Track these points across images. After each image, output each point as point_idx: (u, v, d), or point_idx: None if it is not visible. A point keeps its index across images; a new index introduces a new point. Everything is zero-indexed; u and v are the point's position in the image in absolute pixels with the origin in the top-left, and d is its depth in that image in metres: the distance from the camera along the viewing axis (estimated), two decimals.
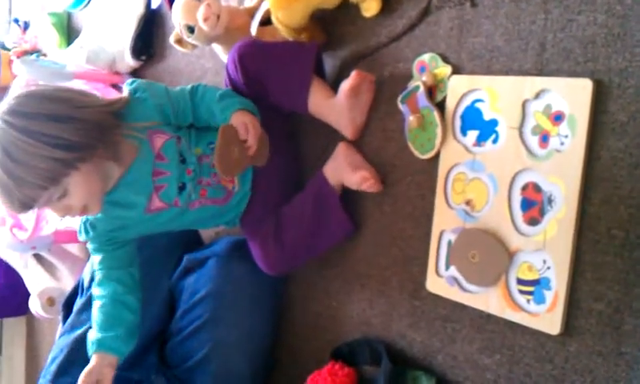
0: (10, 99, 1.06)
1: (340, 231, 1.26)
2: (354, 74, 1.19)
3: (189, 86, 1.27)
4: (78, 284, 1.52)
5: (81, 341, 1.35)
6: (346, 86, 1.20)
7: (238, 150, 1.18)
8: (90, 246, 1.28)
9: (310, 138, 1.39)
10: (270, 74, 1.25)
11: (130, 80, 1.25)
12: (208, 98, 1.25)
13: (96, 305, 1.26)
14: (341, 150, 1.26)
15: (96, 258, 1.27)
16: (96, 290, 1.27)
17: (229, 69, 1.28)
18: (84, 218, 1.23)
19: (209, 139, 1.26)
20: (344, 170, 1.23)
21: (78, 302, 1.47)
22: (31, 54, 2.47)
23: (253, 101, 1.27)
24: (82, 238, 1.26)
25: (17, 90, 1.07)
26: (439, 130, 1.11)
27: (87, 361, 1.24)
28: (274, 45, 1.29)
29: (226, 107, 1.22)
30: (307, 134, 1.39)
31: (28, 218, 2.14)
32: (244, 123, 1.18)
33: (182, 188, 1.23)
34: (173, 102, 1.24)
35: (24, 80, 1.92)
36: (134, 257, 1.30)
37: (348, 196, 1.26)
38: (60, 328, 1.48)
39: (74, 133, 1.06)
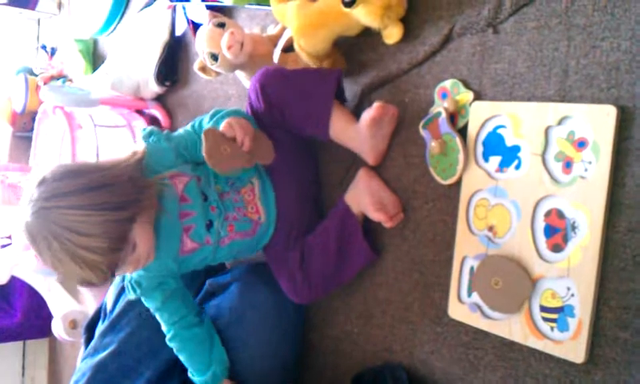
0: (37, 189, 1.07)
1: (361, 261, 1.27)
2: (376, 105, 1.19)
3: (189, 124, 1.31)
4: (101, 307, 1.52)
5: (102, 365, 1.36)
6: (367, 116, 1.20)
7: (230, 148, 1.18)
8: (149, 306, 1.29)
9: (331, 159, 1.39)
10: (291, 100, 1.25)
11: (143, 128, 1.28)
12: (205, 124, 1.27)
13: (182, 355, 1.31)
14: (362, 176, 1.27)
15: (160, 317, 1.30)
16: (174, 344, 1.30)
17: (251, 97, 1.29)
18: (128, 277, 1.27)
19: (226, 176, 1.27)
20: (365, 204, 1.24)
21: (101, 326, 1.47)
22: (57, 79, 2.52)
23: (274, 128, 1.28)
24: (131, 296, 1.29)
25: (34, 178, 1.09)
26: (461, 156, 1.11)
27: None
28: (295, 72, 1.30)
29: (215, 122, 1.25)
30: (329, 156, 1.40)
31: None
32: (227, 123, 1.20)
33: (209, 225, 1.25)
34: (183, 141, 1.27)
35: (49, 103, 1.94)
36: (186, 294, 1.32)
37: (370, 220, 1.26)
38: (82, 351, 1.49)
39: (117, 194, 1.09)
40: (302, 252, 1.29)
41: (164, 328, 1.30)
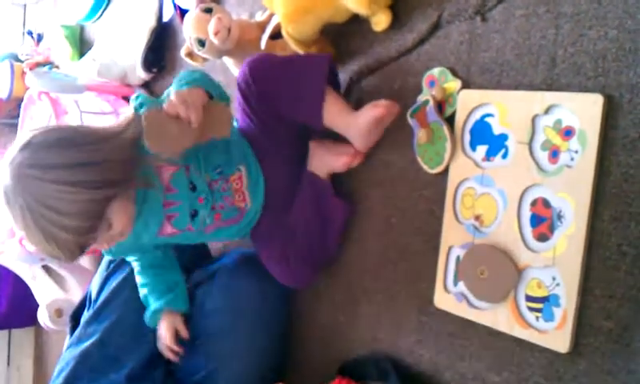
0: (20, 151, 1.03)
1: (340, 217, 1.28)
2: (384, 103, 1.16)
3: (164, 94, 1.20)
4: (86, 296, 1.51)
5: (87, 354, 1.35)
6: (372, 114, 1.16)
7: (176, 127, 1.09)
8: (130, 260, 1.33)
9: None
10: (282, 87, 1.22)
11: (134, 95, 1.19)
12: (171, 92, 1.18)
13: (144, 290, 1.34)
14: (315, 147, 1.30)
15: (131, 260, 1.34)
16: (139, 278, 1.34)
17: (240, 85, 1.24)
18: None
19: (215, 163, 1.25)
20: (328, 162, 1.28)
21: (86, 315, 1.46)
22: (44, 66, 2.49)
23: (266, 116, 1.25)
24: (107, 256, 1.31)
25: (22, 139, 1.04)
26: (448, 145, 1.10)
27: (93, 374, 1.25)
28: (286, 58, 1.28)
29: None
30: None
31: None
32: (169, 101, 1.10)
33: (194, 215, 1.24)
34: None
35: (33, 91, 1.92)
36: (169, 255, 1.36)
37: (356, 208, 1.27)
38: (67, 340, 1.48)
39: (103, 173, 1.04)
40: (287, 236, 1.30)
41: (136, 269, 1.34)
